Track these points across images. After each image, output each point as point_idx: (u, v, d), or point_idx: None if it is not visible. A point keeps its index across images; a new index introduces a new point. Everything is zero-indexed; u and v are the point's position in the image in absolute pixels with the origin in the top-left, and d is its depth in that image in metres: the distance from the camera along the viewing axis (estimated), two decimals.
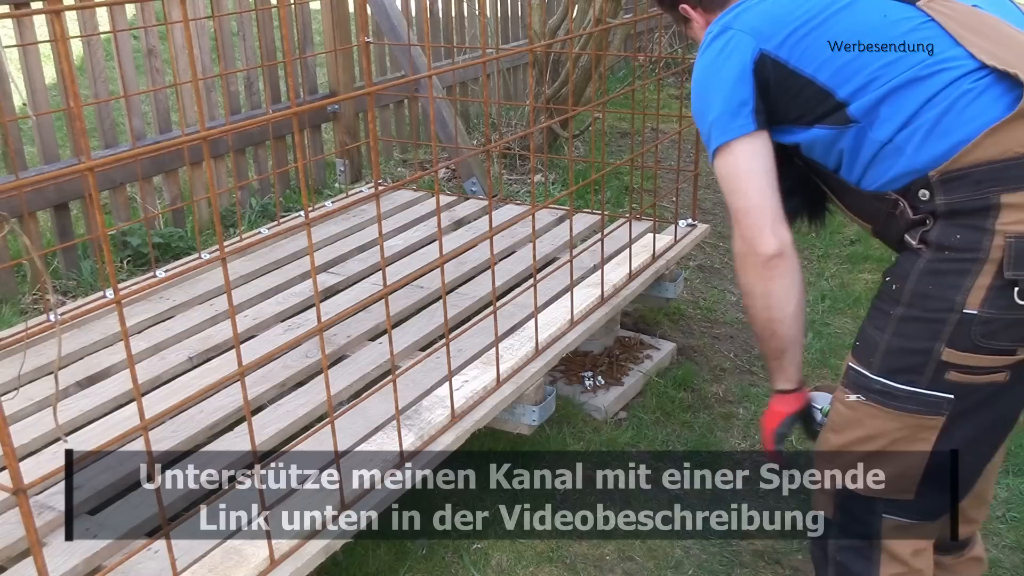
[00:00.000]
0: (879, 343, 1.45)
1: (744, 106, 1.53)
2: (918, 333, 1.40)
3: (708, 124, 1.59)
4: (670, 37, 6.17)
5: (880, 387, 1.45)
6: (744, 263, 1.59)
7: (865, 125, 1.45)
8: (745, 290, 1.64)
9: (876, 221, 1.53)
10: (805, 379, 1.85)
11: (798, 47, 1.48)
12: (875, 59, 1.44)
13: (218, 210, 2.02)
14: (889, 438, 1.47)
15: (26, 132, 4.03)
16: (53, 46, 3.30)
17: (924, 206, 1.41)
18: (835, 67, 1.46)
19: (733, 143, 1.54)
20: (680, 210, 2.89)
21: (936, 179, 1.39)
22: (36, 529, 1.07)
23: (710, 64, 1.58)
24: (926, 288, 1.39)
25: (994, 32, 1.43)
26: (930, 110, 1.40)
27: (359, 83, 4.04)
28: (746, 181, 1.54)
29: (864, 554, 1.57)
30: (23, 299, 2.94)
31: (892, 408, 1.45)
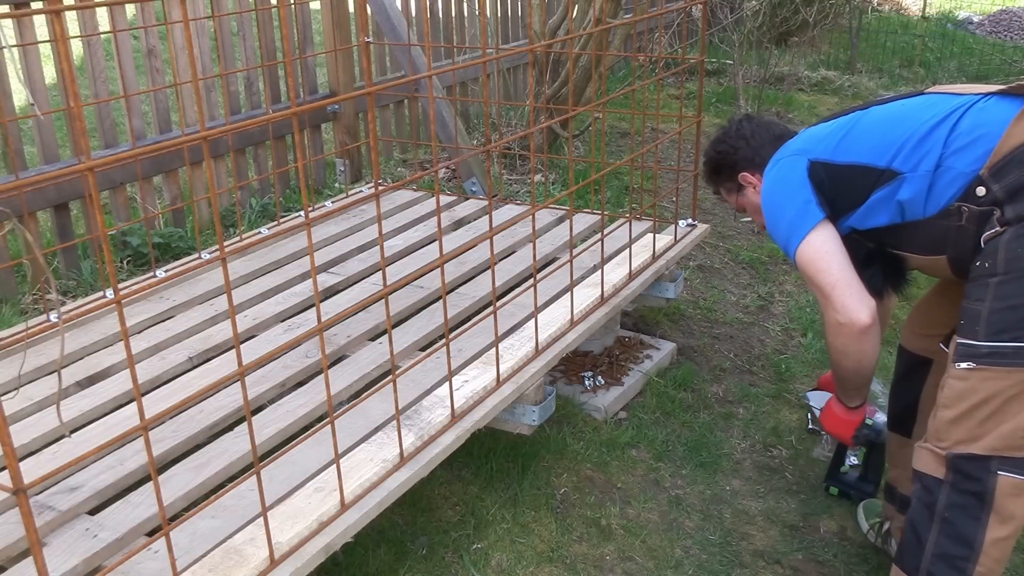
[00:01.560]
0: (981, 311, 1.61)
1: (809, 203, 1.85)
2: (1017, 291, 1.57)
3: (784, 231, 1.89)
4: (670, 37, 6.17)
5: (988, 350, 1.59)
6: (840, 331, 1.83)
7: (910, 170, 1.74)
8: (839, 351, 1.88)
9: (948, 243, 1.73)
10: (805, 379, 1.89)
11: (839, 147, 1.84)
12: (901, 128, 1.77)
13: (218, 210, 2.02)
14: (1003, 397, 1.57)
15: (26, 132, 4.03)
16: (53, 46, 3.30)
17: (986, 199, 1.64)
18: (872, 148, 1.79)
19: (810, 234, 1.84)
20: (680, 210, 2.89)
21: (987, 175, 1.63)
22: (36, 529, 1.07)
23: (772, 187, 1.94)
24: (1016, 252, 1.58)
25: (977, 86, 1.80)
26: (959, 128, 1.69)
27: (359, 83, 4.04)
28: (827, 260, 1.82)
29: (973, 514, 1.60)
30: (23, 299, 2.94)
31: (1002, 366, 1.57)
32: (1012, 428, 1.57)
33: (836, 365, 1.95)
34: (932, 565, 1.65)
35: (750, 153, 2.12)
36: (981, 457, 1.60)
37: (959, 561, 1.62)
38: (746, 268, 3.66)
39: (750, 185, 2.13)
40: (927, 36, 7.89)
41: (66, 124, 3.48)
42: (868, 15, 8.41)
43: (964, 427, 1.61)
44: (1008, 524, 1.59)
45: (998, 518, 1.59)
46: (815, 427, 2.65)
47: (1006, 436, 1.57)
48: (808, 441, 2.62)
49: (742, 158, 2.13)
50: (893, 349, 3.07)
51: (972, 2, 10.29)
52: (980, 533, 1.60)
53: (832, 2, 6.61)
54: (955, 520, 1.62)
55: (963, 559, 1.61)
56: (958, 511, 1.62)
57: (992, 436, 1.58)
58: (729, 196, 2.25)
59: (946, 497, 1.63)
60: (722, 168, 2.19)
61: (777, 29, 6.49)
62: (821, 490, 2.40)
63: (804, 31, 6.70)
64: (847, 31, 7.19)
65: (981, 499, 1.60)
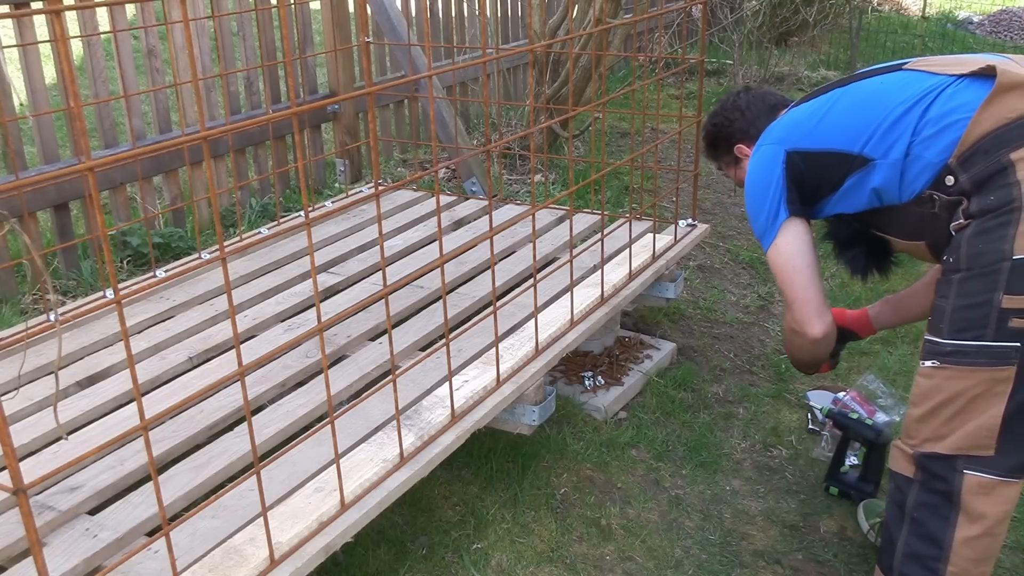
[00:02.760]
0: (945, 308, 1.61)
1: (780, 200, 1.90)
2: (978, 288, 1.55)
3: (760, 228, 1.96)
4: (670, 37, 6.17)
5: (951, 348, 1.58)
6: (793, 339, 2.02)
7: (881, 157, 1.75)
8: (794, 346, 2.06)
9: (926, 230, 1.75)
10: None
11: (815, 132, 1.86)
12: (873, 112, 1.77)
13: (218, 210, 2.02)
14: (967, 396, 1.56)
15: (26, 132, 4.03)
16: (53, 46, 3.30)
17: (954, 188, 1.64)
18: (845, 133, 1.81)
19: (778, 237, 1.91)
20: (680, 210, 2.89)
21: (955, 163, 1.63)
22: (36, 529, 1.07)
23: (750, 178, 1.99)
24: (977, 248, 1.57)
25: (956, 60, 1.77)
26: (929, 114, 1.69)
27: (359, 83, 4.04)
28: (791, 273, 1.91)
29: (942, 513, 1.60)
30: (23, 299, 2.94)
31: (965, 365, 1.56)
32: (976, 427, 1.56)
33: (789, 353, 2.15)
34: (903, 565, 1.65)
35: (745, 125, 2.13)
36: (947, 456, 1.59)
37: (930, 561, 1.61)
38: (746, 268, 3.66)
39: (746, 157, 2.14)
40: (927, 36, 7.89)
41: (66, 124, 3.48)
42: (868, 15, 8.41)
43: (930, 425, 1.61)
44: (978, 523, 1.57)
45: (967, 517, 1.58)
46: (815, 427, 2.65)
47: (971, 435, 1.56)
48: (808, 441, 2.62)
49: (737, 130, 2.15)
50: (893, 349, 3.07)
51: (972, 2, 10.29)
52: (949, 532, 1.59)
53: (832, 2, 6.61)
54: (924, 519, 1.62)
55: (933, 559, 1.61)
56: (926, 510, 1.62)
57: (957, 435, 1.58)
58: (728, 169, 2.26)
59: (915, 496, 1.64)
60: (719, 141, 2.21)
61: (777, 29, 6.50)
62: (821, 490, 2.40)
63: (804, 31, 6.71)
64: (847, 31, 7.18)
65: (948, 498, 1.59)
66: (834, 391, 2.74)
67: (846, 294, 3.48)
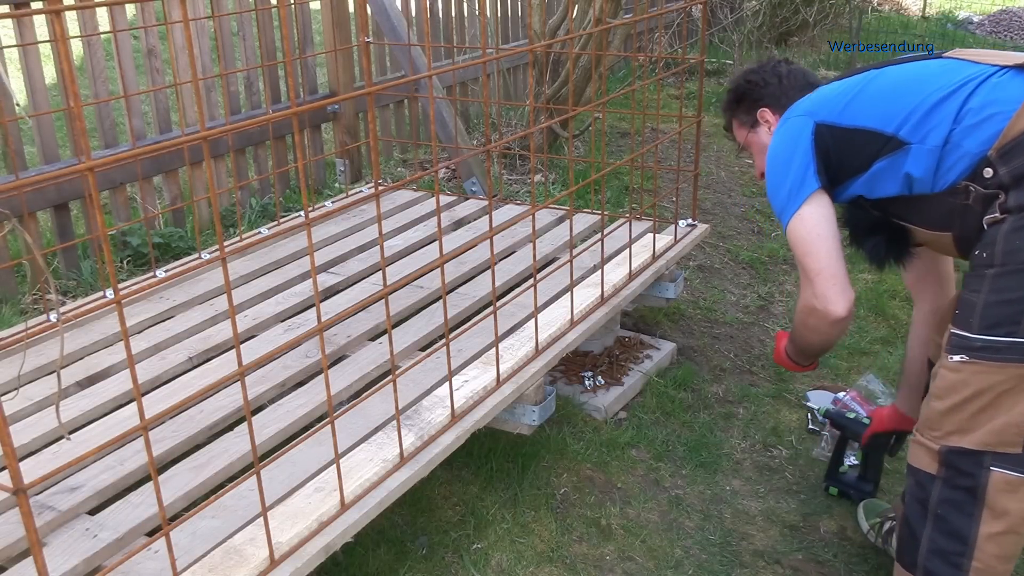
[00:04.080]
0: (976, 303, 1.58)
1: (807, 171, 1.81)
2: (1012, 284, 1.53)
3: (782, 199, 1.86)
4: (670, 37, 6.17)
5: (981, 344, 1.56)
6: (813, 314, 1.85)
7: (918, 142, 1.69)
8: (808, 328, 1.92)
9: (955, 221, 1.70)
10: None
11: (847, 110, 1.79)
12: (911, 95, 1.71)
13: (218, 210, 2.02)
14: (995, 392, 1.54)
15: (26, 132, 4.03)
16: (53, 46, 3.30)
17: (992, 181, 1.60)
18: (880, 113, 1.74)
19: (803, 207, 1.81)
20: (680, 210, 2.89)
21: (995, 156, 1.59)
22: (36, 529, 1.07)
23: (776, 148, 1.90)
24: (1014, 244, 1.55)
25: (997, 52, 1.74)
26: (970, 104, 1.64)
27: (359, 83, 4.04)
28: (816, 244, 1.80)
29: (967, 510, 1.59)
30: (23, 299, 2.94)
31: (995, 361, 1.54)
32: (1004, 423, 1.55)
33: (800, 337, 2.00)
34: (928, 561, 1.65)
35: (778, 92, 2.07)
36: (974, 452, 1.58)
37: (954, 556, 1.61)
38: (746, 268, 3.66)
39: (766, 124, 2.09)
40: (927, 36, 7.89)
41: (66, 124, 3.48)
42: (868, 15, 8.41)
43: (955, 419, 1.60)
44: (1002, 520, 1.57)
45: (991, 513, 1.57)
46: (815, 427, 2.65)
47: (998, 431, 1.55)
48: (808, 441, 2.62)
49: (769, 94, 2.09)
50: (893, 349, 3.07)
51: (972, 2, 10.29)
52: (973, 528, 1.58)
53: (832, 2, 6.61)
54: (947, 516, 1.62)
55: (958, 554, 1.60)
56: (950, 507, 1.61)
57: (984, 431, 1.57)
58: (739, 130, 2.20)
59: (938, 492, 1.63)
60: (745, 98, 2.14)
61: (777, 29, 6.50)
62: (821, 490, 2.40)
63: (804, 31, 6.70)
64: (847, 31, 7.18)
65: (973, 494, 1.58)
66: (834, 391, 2.74)
67: None
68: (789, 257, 3.80)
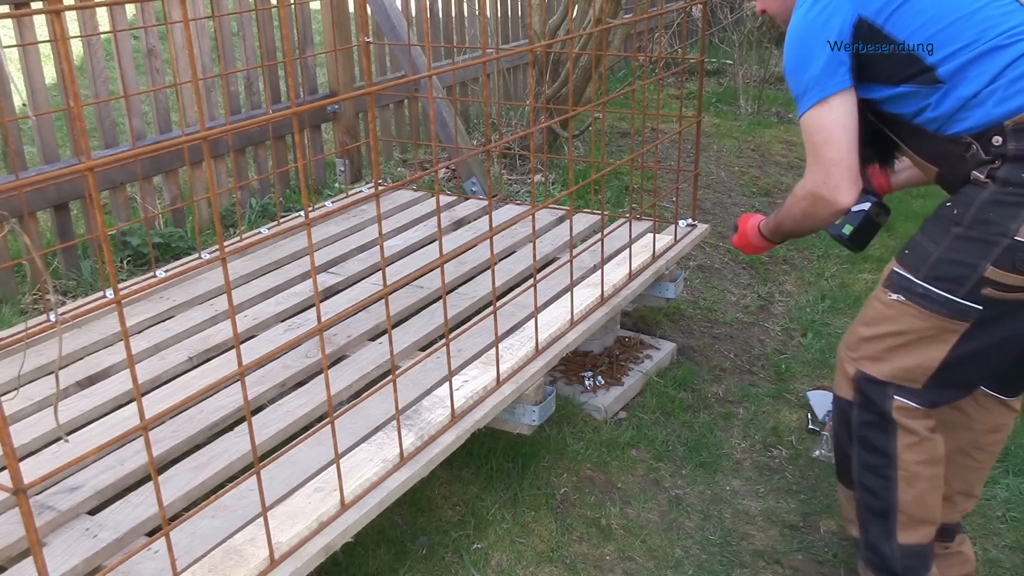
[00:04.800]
0: (931, 254, 1.67)
1: (842, 65, 1.73)
2: (971, 250, 1.62)
3: (806, 80, 1.77)
4: (670, 37, 6.17)
5: (921, 290, 1.68)
6: (818, 202, 1.82)
7: (951, 85, 1.66)
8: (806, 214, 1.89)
9: (944, 164, 1.74)
10: None
11: (894, 15, 1.69)
12: (963, 30, 1.65)
13: (218, 210, 2.02)
14: (916, 335, 1.70)
15: (26, 132, 4.03)
16: (53, 46, 3.30)
17: (996, 149, 1.63)
18: (927, 35, 1.66)
19: (832, 98, 1.74)
20: (680, 210, 2.89)
21: (1011, 128, 1.61)
22: (36, 529, 1.07)
23: (812, 23, 1.76)
24: (987, 215, 1.61)
25: None
26: (1011, 72, 1.62)
27: (359, 83, 4.04)
28: (840, 135, 1.75)
29: (883, 428, 1.78)
30: (23, 299, 2.94)
31: (927, 309, 1.67)
32: (915, 364, 1.71)
33: (793, 221, 1.96)
34: (861, 476, 1.83)
35: None
36: (881, 382, 1.76)
37: (881, 469, 1.79)
38: (746, 268, 3.66)
39: None
40: None
41: (66, 124, 3.48)
42: None
43: (873, 348, 1.76)
44: (912, 434, 1.75)
45: (903, 430, 1.76)
46: (815, 427, 2.65)
47: (908, 369, 1.72)
48: (808, 441, 2.62)
49: None
50: None
51: None
52: (892, 443, 1.76)
53: None
54: (868, 435, 1.80)
55: (884, 467, 1.78)
56: (868, 428, 1.80)
57: (894, 365, 1.73)
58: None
59: (857, 417, 1.81)
60: None
61: (777, 29, 6.49)
62: (821, 490, 2.40)
63: None
64: None
65: (884, 416, 1.77)
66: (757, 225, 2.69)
67: (846, 294, 3.48)
68: (789, 257, 3.80)
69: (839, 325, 3.27)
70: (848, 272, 3.69)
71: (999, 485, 2.43)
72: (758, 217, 2.18)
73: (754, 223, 2.17)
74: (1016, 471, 2.49)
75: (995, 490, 2.42)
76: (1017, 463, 2.52)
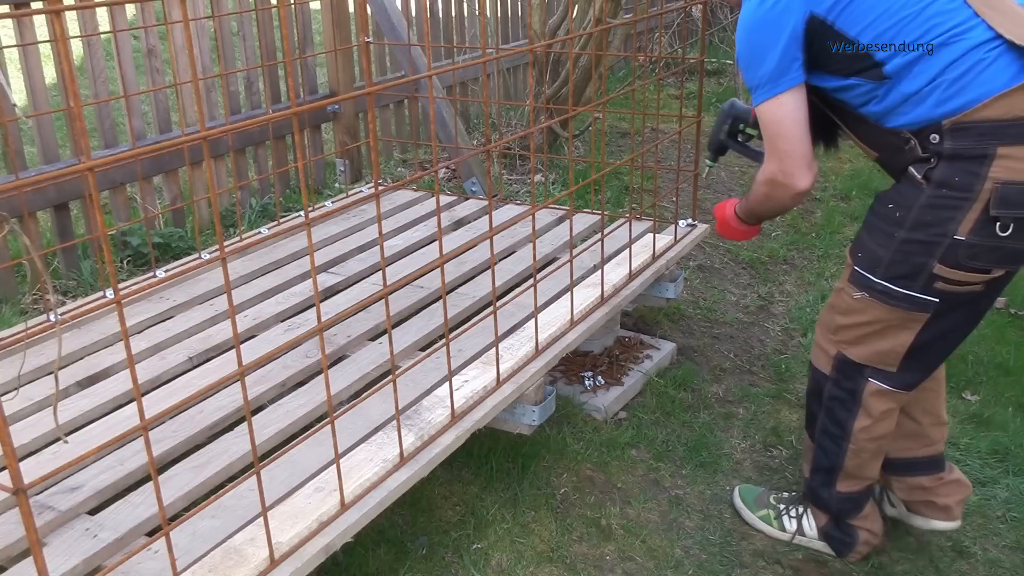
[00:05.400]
0: (883, 257, 1.81)
1: (795, 61, 1.81)
2: (917, 251, 1.76)
3: (760, 75, 1.85)
4: (670, 37, 6.17)
5: (881, 288, 1.83)
6: (777, 187, 1.95)
7: (896, 80, 1.74)
8: (769, 198, 2.02)
9: (884, 152, 1.85)
10: None
11: (845, 11, 1.75)
12: (910, 27, 1.71)
13: (218, 210, 2.02)
14: (884, 324, 1.87)
15: (26, 132, 4.03)
16: (53, 46, 3.30)
17: (932, 147, 1.72)
18: (876, 32, 1.73)
19: (784, 94, 1.83)
20: (680, 210, 2.89)
21: (948, 127, 1.69)
22: (36, 529, 1.07)
23: (764, 18, 1.82)
24: (926, 218, 1.73)
25: (1010, 10, 1.70)
26: (952, 71, 1.68)
27: (359, 83, 4.04)
28: (792, 128, 1.86)
29: (848, 406, 2.00)
30: (23, 299, 2.94)
31: (889, 303, 1.83)
32: (889, 348, 1.88)
33: (759, 204, 2.10)
34: (821, 439, 2.08)
35: None
36: (858, 364, 1.94)
37: (836, 438, 2.03)
38: (746, 268, 3.66)
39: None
40: None
41: (66, 124, 3.48)
42: None
43: (850, 334, 1.93)
44: (870, 417, 1.97)
45: (864, 412, 1.97)
46: None
47: (881, 353, 1.90)
48: None
49: None
50: None
51: None
52: (851, 421, 1.99)
53: None
54: (834, 408, 2.02)
55: (839, 437, 2.02)
56: (836, 402, 2.01)
57: (869, 349, 1.91)
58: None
59: (829, 390, 2.02)
60: None
61: None
62: None
63: None
64: None
65: (854, 396, 1.97)
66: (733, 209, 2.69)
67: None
68: (789, 257, 3.81)
69: None
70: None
71: (999, 485, 2.43)
72: (733, 202, 2.28)
73: (730, 209, 2.26)
74: (1016, 471, 2.49)
75: (995, 490, 2.42)
76: (1017, 463, 2.52)
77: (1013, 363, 3.03)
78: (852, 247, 1.92)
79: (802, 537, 2.19)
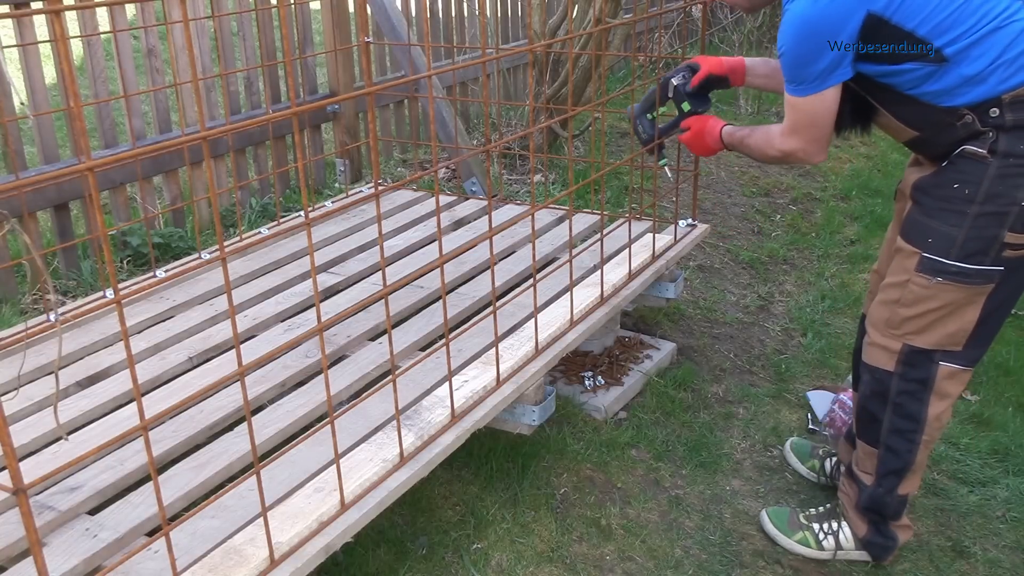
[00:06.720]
0: (957, 236, 1.83)
1: (845, 58, 1.83)
2: (990, 224, 1.80)
3: (809, 72, 1.87)
4: (670, 37, 6.17)
5: (957, 269, 1.85)
6: (789, 159, 2.05)
7: (955, 63, 1.77)
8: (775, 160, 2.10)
9: (928, 129, 1.87)
10: None
11: (901, 7, 1.77)
12: (965, 15, 1.76)
13: (218, 210, 2.02)
14: (956, 305, 1.88)
15: (26, 132, 4.03)
16: (53, 46, 3.30)
17: (992, 120, 1.77)
18: (935, 22, 1.77)
19: (825, 92, 1.88)
20: (680, 210, 2.89)
21: (1008, 100, 1.75)
22: (36, 529, 1.07)
23: (821, 16, 1.82)
24: (997, 189, 1.78)
25: None
26: (1011, 51, 1.75)
27: (359, 83, 4.04)
28: (827, 117, 1.92)
29: (918, 396, 1.98)
30: (23, 299, 2.94)
31: (963, 283, 1.86)
32: (957, 328, 1.90)
33: (757, 152, 2.14)
34: (889, 438, 2.03)
35: None
36: (927, 351, 1.93)
37: (907, 434, 2.00)
38: (746, 268, 3.66)
39: None
40: None
41: (66, 124, 3.48)
42: None
43: (917, 323, 1.92)
44: (945, 400, 1.97)
45: (937, 397, 1.96)
46: (815, 427, 2.65)
47: (951, 335, 1.91)
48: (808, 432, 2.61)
49: None
50: None
51: None
52: (924, 411, 1.97)
53: None
54: (904, 403, 1.99)
55: (912, 431, 2.00)
56: (906, 396, 1.98)
57: (938, 334, 1.91)
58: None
59: (896, 385, 1.99)
60: None
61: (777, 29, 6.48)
62: (821, 490, 2.40)
63: None
64: None
65: (925, 384, 1.96)
66: (834, 391, 2.74)
67: (846, 294, 3.48)
68: (789, 257, 3.81)
69: (839, 325, 3.27)
70: (848, 272, 3.69)
71: (999, 485, 2.44)
72: (719, 121, 2.29)
73: (715, 125, 2.28)
74: (1016, 471, 2.49)
75: (995, 490, 2.42)
76: (1017, 463, 2.52)
77: (1013, 363, 3.03)
78: (914, 237, 1.90)
79: (840, 551, 2.17)
